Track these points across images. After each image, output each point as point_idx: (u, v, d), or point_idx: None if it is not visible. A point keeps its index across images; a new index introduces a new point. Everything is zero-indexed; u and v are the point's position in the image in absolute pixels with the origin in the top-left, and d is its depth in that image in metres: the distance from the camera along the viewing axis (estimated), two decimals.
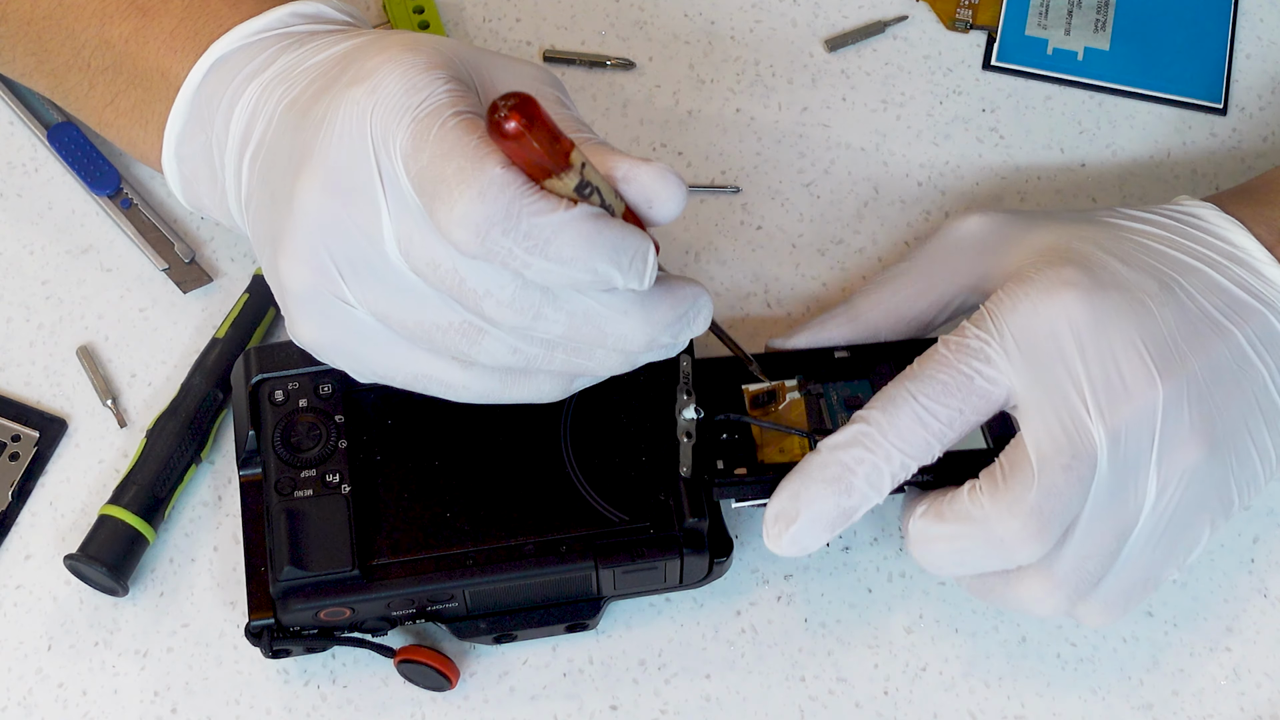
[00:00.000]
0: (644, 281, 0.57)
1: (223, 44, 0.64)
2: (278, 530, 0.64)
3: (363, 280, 0.58)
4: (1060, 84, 0.81)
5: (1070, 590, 0.62)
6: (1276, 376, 0.64)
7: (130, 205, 0.76)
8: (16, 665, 0.68)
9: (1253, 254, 0.66)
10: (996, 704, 0.68)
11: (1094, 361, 0.61)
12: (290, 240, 0.58)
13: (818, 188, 0.79)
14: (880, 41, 0.82)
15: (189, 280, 0.75)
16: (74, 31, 0.67)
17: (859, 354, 0.68)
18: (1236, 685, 0.68)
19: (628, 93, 0.80)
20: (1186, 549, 0.63)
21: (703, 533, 0.65)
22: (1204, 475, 0.62)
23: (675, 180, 0.57)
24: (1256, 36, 0.82)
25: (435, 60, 0.57)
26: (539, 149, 0.52)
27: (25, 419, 0.72)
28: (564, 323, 0.57)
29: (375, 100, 0.56)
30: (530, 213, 0.54)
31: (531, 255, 0.54)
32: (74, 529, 0.70)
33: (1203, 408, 0.62)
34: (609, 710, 0.68)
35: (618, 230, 0.55)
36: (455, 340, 0.58)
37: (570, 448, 0.66)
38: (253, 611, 0.64)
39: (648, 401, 0.67)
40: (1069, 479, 0.60)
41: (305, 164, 0.58)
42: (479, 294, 0.56)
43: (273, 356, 0.67)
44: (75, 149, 0.77)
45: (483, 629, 0.66)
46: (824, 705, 0.68)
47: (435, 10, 0.82)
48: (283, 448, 0.65)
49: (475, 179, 0.54)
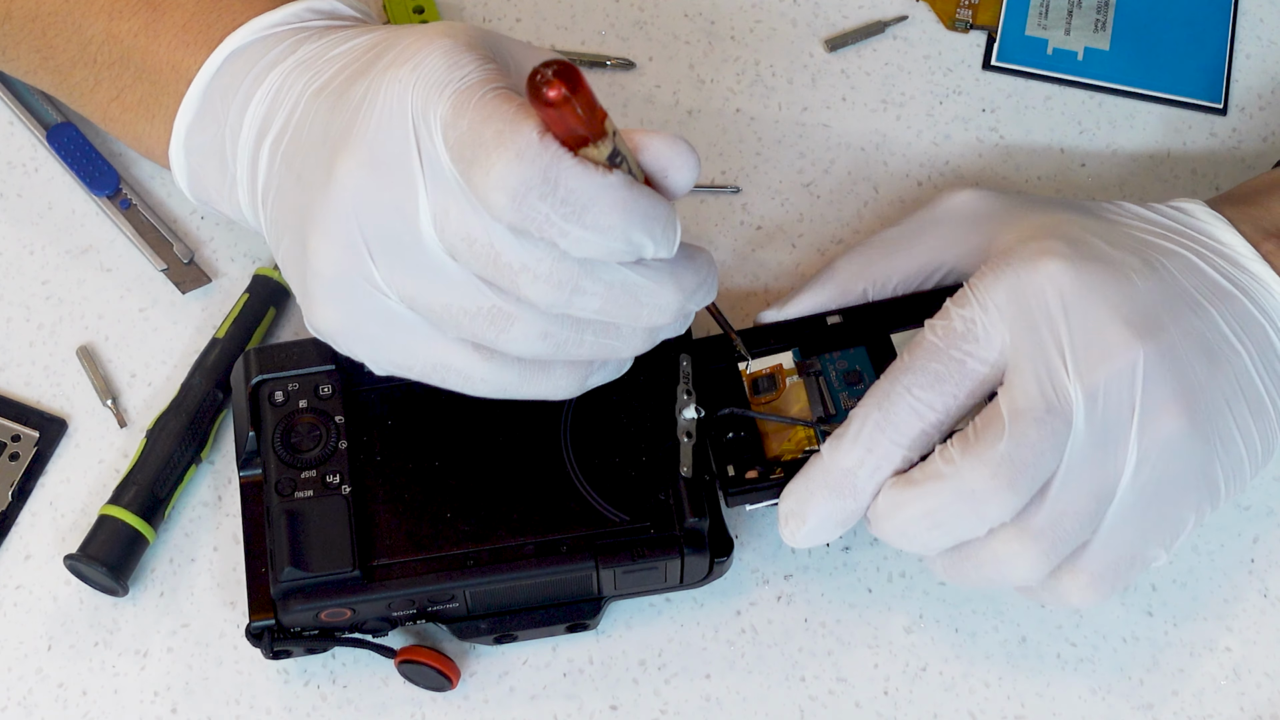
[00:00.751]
0: (673, 249, 0.57)
1: (238, 36, 0.63)
2: (278, 531, 0.64)
3: (393, 261, 0.58)
4: (1060, 84, 0.81)
5: (1046, 547, 0.61)
6: (1257, 361, 0.64)
7: (129, 206, 0.76)
8: (16, 665, 0.68)
9: (1236, 248, 0.66)
10: (996, 704, 0.68)
11: (1076, 323, 0.61)
12: (322, 219, 0.58)
13: (818, 188, 0.79)
14: (880, 41, 0.82)
15: (188, 280, 0.75)
16: (81, 26, 0.67)
17: (851, 317, 0.68)
18: (1236, 685, 0.68)
19: (628, 93, 0.80)
20: (1172, 529, 0.63)
21: (703, 532, 0.65)
22: (1186, 450, 0.62)
23: (687, 148, 0.57)
24: (1256, 36, 0.82)
25: (474, 41, 0.58)
26: (579, 116, 0.53)
27: (25, 419, 0.72)
28: (601, 295, 0.57)
29: (417, 77, 0.56)
30: (568, 177, 0.54)
31: (569, 222, 0.54)
32: (74, 529, 0.70)
33: (1183, 379, 0.62)
34: (609, 710, 0.68)
35: (650, 197, 0.56)
36: (483, 326, 0.58)
37: (570, 447, 0.66)
38: (253, 613, 0.64)
39: (648, 401, 0.67)
40: (1042, 432, 0.60)
41: (344, 143, 0.57)
42: (515, 269, 0.56)
43: (272, 357, 0.67)
44: (74, 149, 0.77)
45: (483, 629, 0.66)
46: (824, 705, 0.68)
47: (435, 10, 0.82)
48: (283, 448, 0.65)
49: (513, 141, 0.54)
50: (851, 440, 0.62)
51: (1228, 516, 0.71)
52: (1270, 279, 0.65)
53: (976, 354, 0.62)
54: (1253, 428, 0.63)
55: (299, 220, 0.59)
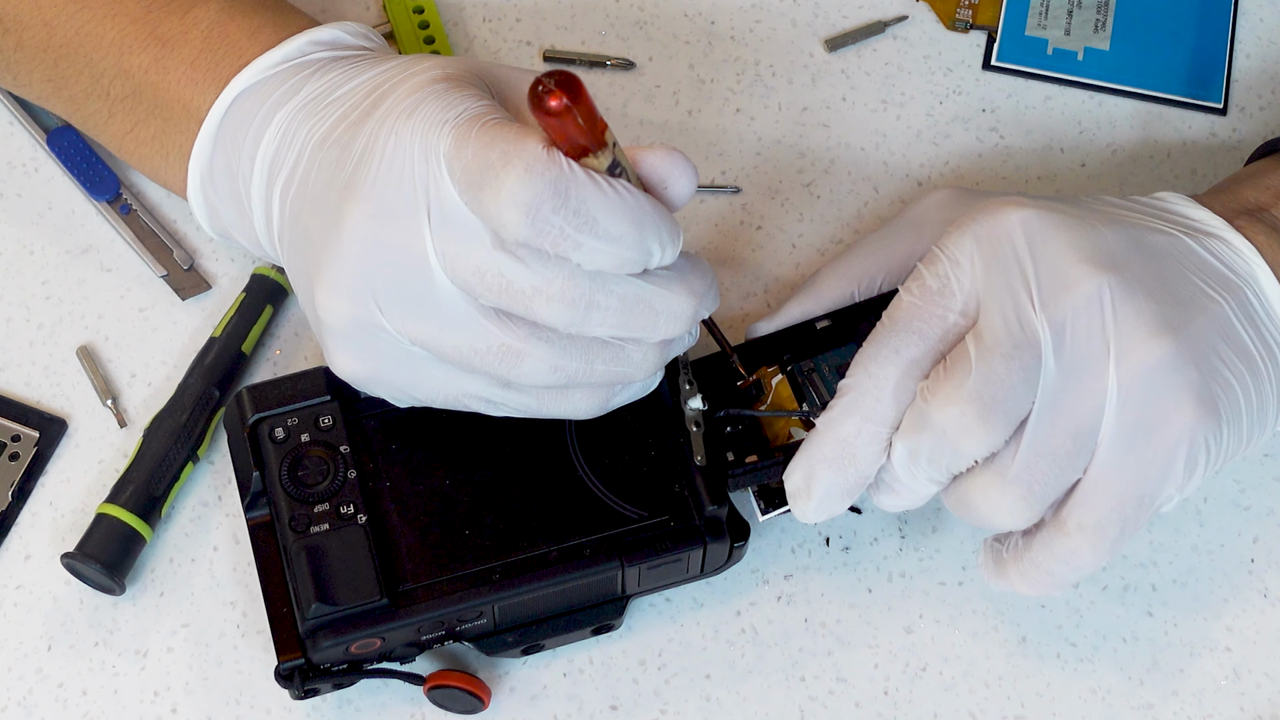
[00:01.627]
0: (676, 255, 0.58)
1: (244, 78, 0.64)
2: (299, 568, 0.63)
3: (402, 309, 0.59)
4: (1060, 84, 0.81)
5: (1024, 490, 0.60)
6: (1236, 311, 0.62)
7: (129, 211, 0.76)
8: (16, 665, 0.68)
9: (1208, 221, 0.65)
10: (996, 704, 0.68)
11: (1040, 260, 0.61)
12: (330, 273, 0.59)
13: (818, 188, 0.79)
14: (880, 41, 0.82)
15: (187, 287, 0.75)
16: (92, 60, 0.67)
17: (839, 319, 0.68)
18: (1236, 685, 0.68)
19: (628, 93, 0.80)
20: (1173, 465, 0.60)
21: (722, 519, 0.65)
22: (1174, 376, 0.60)
23: (684, 160, 0.58)
24: (1256, 36, 0.82)
25: (465, 77, 0.59)
26: (580, 125, 0.54)
27: (25, 419, 0.72)
28: (616, 308, 0.58)
29: (415, 121, 0.57)
30: (578, 187, 0.55)
31: (582, 233, 0.55)
32: (74, 529, 0.70)
33: (1158, 305, 0.60)
34: (609, 710, 0.68)
35: (655, 205, 0.57)
36: (495, 363, 0.59)
37: (579, 451, 0.66)
38: (281, 653, 0.63)
39: (648, 396, 0.66)
40: (1009, 367, 0.59)
41: (348, 197, 0.58)
42: (528, 293, 0.57)
43: (266, 395, 0.66)
44: (75, 153, 0.77)
45: (510, 643, 0.66)
46: (824, 705, 0.68)
47: (435, 10, 0.82)
48: (291, 484, 0.64)
49: (520, 157, 0.55)
50: (844, 409, 0.62)
51: (1228, 516, 0.71)
52: (1243, 245, 0.64)
53: (954, 306, 0.61)
54: (1245, 374, 0.62)
55: (308, 275, 0.60)
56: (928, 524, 0.71)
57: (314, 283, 0.60)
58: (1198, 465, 0.61)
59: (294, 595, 0.63)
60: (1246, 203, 0.67)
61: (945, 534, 0.71)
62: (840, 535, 0.71)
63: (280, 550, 0.64)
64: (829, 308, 0.69)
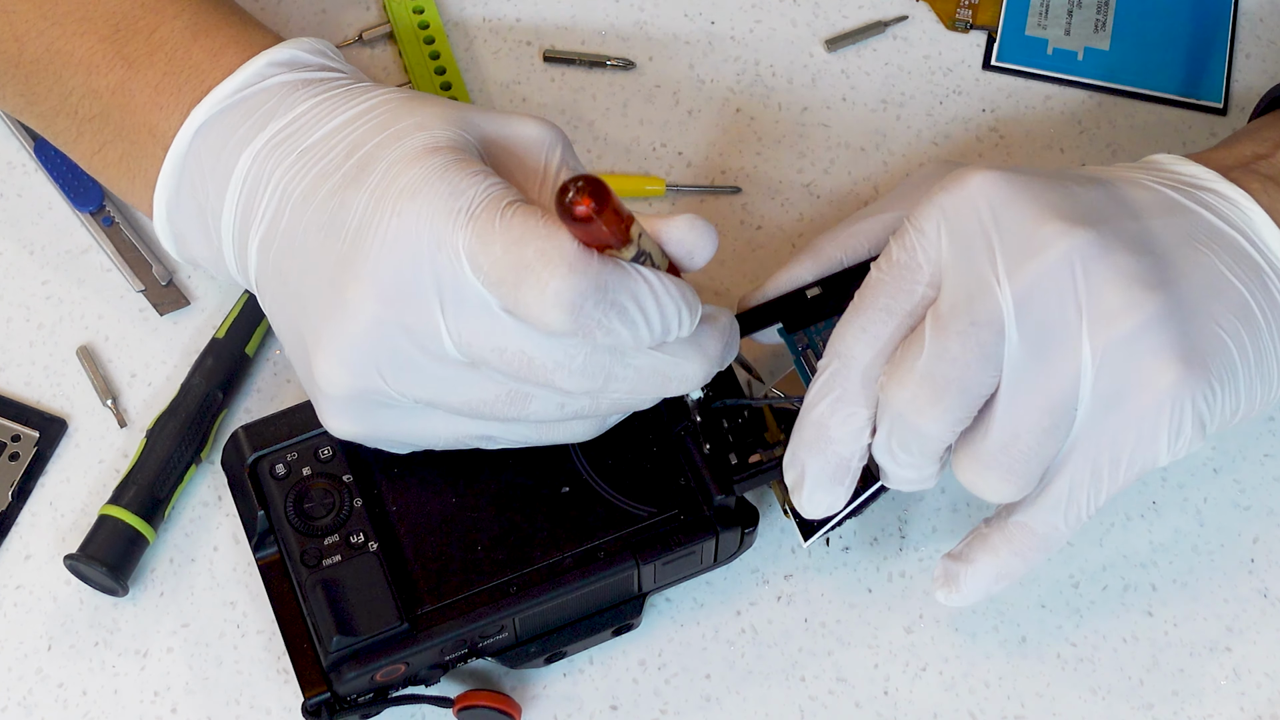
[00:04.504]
0: (693, 329, 0.59)
1: (205, 107, 0.63)
2: (316, 602, 0.62)
3: (410, 377, 0.59)
4: (1060, 84, 0.81)
5: (1003, 471, 0.59)
6: (1229, 263, 0.60)
7: (111, 223, 0.76)
8: (16, 665, 0.68)
9: (1199, 174, 0.63)
10: (996, 704, 0.68)
11: (1006, 226, 0.59)
12: (332, 347, 0.59)
13: (818, 188, 0.79)
14: (880, 41, 0.82)
15: (165, 303, 0.75)
16: (61, 78, 0.67)
17: (828, 286, 0.67)
18: (1236, 685, 0.68)
19: (628, 93, 0.80)
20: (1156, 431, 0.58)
21: (731, 508, 0.65)
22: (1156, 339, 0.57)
23: (706, 227, 0.59)
24: (1256, 36, 0.82)
25: (455, 141, 0.59)
26: (608, 230, 0.54)
27: (25, 419, 0.72)
28: (632, 379, 0.59)
29: (419, 208, 0.57)
30: (614, 281, 0.56)
31: (614, 321, 0.56)
32: (74, 529, 0.70)
33: (1141, 263, 0.58)
34: (609, 710, 0.68)
35: (680, 287, 0.58)
36: (503, 408, 0.60)
37: (582, 455, 0.66)
38: (306, 689, 0.63)
39: None
40: (964, 345, 0.58)
41: (352, 275, 0.58)
42: (549, 368, 0.58)
43: (262, 432, 0.66)
44: (61, 163, 0.76)
45: (533, 653, 0.66)
46: (824, 705, 0.68)
47: (435, 10, 0.81)
48: (298, 519, 0.64)
49: (560, 257, 0.55)
50: (817, 392, 0.61)
51: (1228, 516, 0.71)
52: (1238, 195, 0.62)
53: (921, 279, 0.60)
54: (1240, 329, 0.59)
55: (302, 341, 0.60)
56: (928, 524, 0.71)
57: (313, 352, 0.59)
58: (1185, 427, 0.58)
59: (313, 629, 0.63)
60: (1243, 155, 0.65)
61: (945, 534, 0.71)
62: (840, 535, 0.71)
63: (294, 586, 0.64)
64: (819, 274, 0.68)
